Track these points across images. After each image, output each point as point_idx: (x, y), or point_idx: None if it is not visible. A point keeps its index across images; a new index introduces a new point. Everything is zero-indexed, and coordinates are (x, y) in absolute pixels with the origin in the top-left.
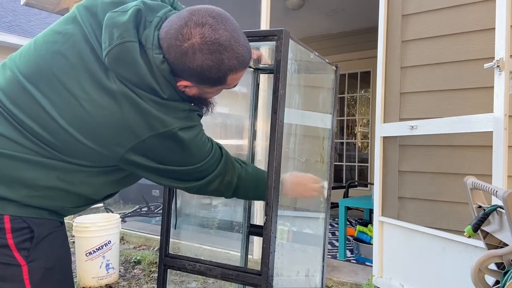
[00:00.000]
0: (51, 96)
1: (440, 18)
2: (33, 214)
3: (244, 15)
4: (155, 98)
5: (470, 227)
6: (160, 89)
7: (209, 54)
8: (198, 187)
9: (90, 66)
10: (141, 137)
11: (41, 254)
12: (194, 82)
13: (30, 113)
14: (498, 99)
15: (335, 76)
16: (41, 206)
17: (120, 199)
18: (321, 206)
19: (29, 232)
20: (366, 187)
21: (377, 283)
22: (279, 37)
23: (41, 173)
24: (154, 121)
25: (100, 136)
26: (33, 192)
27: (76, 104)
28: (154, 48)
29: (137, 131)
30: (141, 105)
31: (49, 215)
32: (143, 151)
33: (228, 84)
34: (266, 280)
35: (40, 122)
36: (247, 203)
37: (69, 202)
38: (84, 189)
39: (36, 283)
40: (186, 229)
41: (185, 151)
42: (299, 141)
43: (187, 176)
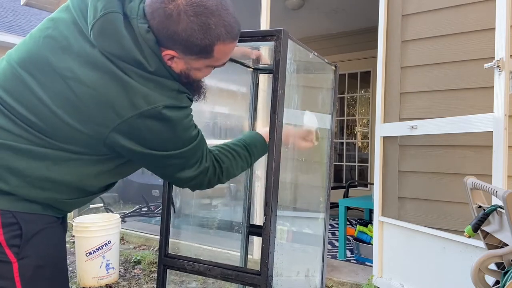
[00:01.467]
0: (41, 79)
1: (440, 18)
2: (24, 209)
3: (244, 15)
4: (141, 72)
5: (470, 227)
6: (146, 62)
7: (194, 17)
8: (187, 178)
9: (78, 46)
10: (124, 117)
11: (32, 252)
12: (180, 52)
13: (21, 99)
14: (498, 99)
15: (335, 76)
16: (33, 199)
17: (120, 199)
18: (321, 206)
19: (18, 229)
20: (366, 187)
21: (377, 283)
22: (278, 37)
23: (31, 162)
24: (138, 98)
25: (85, 117)
26: (23, 182)
27: (63, 85)
28: (139, 18)
29: (120, 109)
30: (124, 80)
31: (42, 210)
32: (127, 133)
33: (216, 58)
34: (265, 280)
35: (30, 106)
36: (246, 203)
37: (62, 193)
38: (77, 180)
39: (26, 281)
40: (186, 229)
41: (171, 132)
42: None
43: (175, 162)
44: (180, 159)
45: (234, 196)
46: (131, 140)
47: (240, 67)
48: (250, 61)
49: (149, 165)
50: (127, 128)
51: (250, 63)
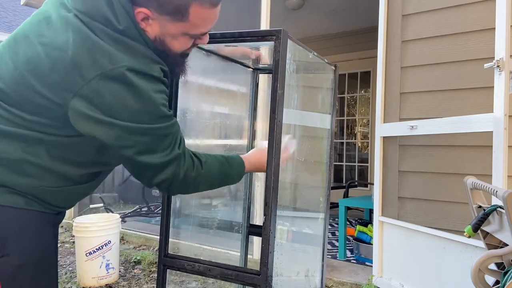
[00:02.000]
0: (15, 49)
1: (440, 18)
2: (5, 202)
3: (244, 15)
4: (109, 31)
5: (470, 227)
6: (115, 19)
7: None
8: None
9: (54, 15)
10: (87, 78)
11: (13, 250)
12: (153, 10)
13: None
14: (498, 99)
15: (334, 76)
16: (14, 187)
17: (120, 199)
18: (321, 206)
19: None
20: (366, 187)
21: (377, 283)
22: (277, 37)
23: (5, 143)
24: (102, 57)
25: (53, 81)
26: (1, 167)
27: (33, 48)
28: None
29: (84, 70)
30: (92, 39)
31: (27, 204)
32: (90, 98)
33: (192, 24)
34: (265, 280)
35: (4, 76)
36: (246, 203)
37: (43, 179)
38: (55, 164)
39: (6, 280)
40: (186, 229)
41: (137, 101)
42: (298, 141)
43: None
44: (146, 136)
45: (234, 196)
46: (91, 106)
47: (240, 67)
48: (250, 61)
49: (110, 140)
50: (89, 92)
51: (250, 63)
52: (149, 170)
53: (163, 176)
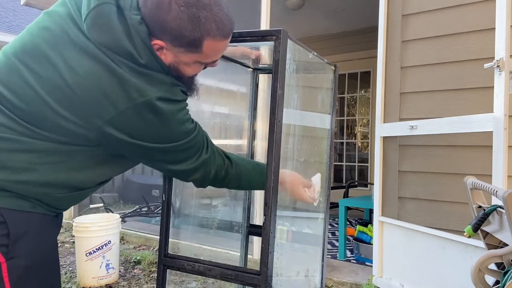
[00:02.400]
0: (34, 68)
1: (440, 18)
2: (12, 205)
3: (244, 15)
4: (132, 65)
5: (470, 227)
6: (137, 54)
7: (184, 7)
8: (184, 172)
9: (72, 36)
10: (119, 108)
11: (21, 252)
12: (168, 43)
13: (14, 89)
14: (498, 99)
15: (334, 76)
16: (21, 193)
17: (120, 199)
18: (321, 206)
19: (5, 228)
20: (366, 187)
21: (377, 283)
22: (277, 37)
23: (20, 153)
24: (132, 90)
25: (78, 107)
26: (12, 175)
27: (56, 74)
28: (132, 10)
29: (116, 101)
30: (118, 72)
31: (32, 207)
32: (121, 125)
33: (205, 55)
34: (265, 280)
35: (22, 95)
36: (246, 203)
37: (55, 188)
38: (67, 172)
39: (15, 281)
40: (186, 229)
41: (165, 125)
42: (298, 142)
43: (169, 156)
44: (175, 152)
45: (234, 196)
46: (124, 133)
47: (240, 67)
48: (250, 61)
49: (142, 157)
50: (121, 120)
51: (250, 63)
52: (180, 174)
53: (195, 177)
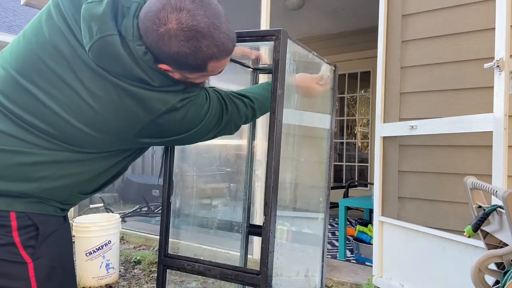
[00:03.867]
0: (48, 89)
1: (440, 18)
2: (38, 210)
3: (244, 15)
4: (148, 87)
5: (470, 227)
6: (150, 79)
7: (185, 41)
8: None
9: (82, 57)
10: (146, 121)
11: (46, 252)
12: (174, 68)
13: (29, 109)
14: (498, 99)
15: (334, 76)
16: (48, 197)
17: (120, 199)
18: (321, 206)
19: (34, 230)
20: (366, 187)
21: (377, 283)
22: (277, 37)
23: (48, 165)
24: (154, 103)
25: (105, 126)
26: (41, 185)
27: (76, 97)
28: (135, 40)
29: (142, 116)
30: (136, 91)
31: (54, 211)
32: (150, 133)
33: (210, 71)
34: (265, 280)
35: (41, 116)
36: (246, 203)
37: (79, 188)
38: (93, 174)
39: (41, 281)
40: (186, 229)
41: (190, 118)
42: (298, 141)
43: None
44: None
45: (234, 196)
46: (156, 137)
47: (240, 67)
48: (250, 61)
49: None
50: (150, 129)
51: (249, 63)
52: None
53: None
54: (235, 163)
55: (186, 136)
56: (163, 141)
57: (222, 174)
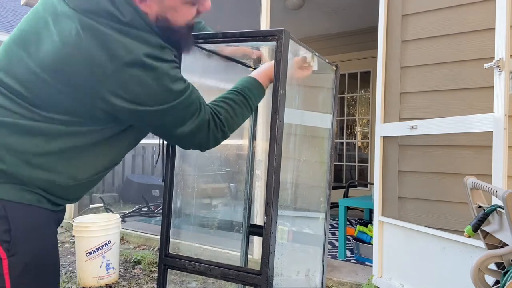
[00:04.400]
0: (29, 49)
1: (440, 18)
2: (16, 198)
3: (244, 15)
4: (116, 25)
5: (470, 227)
6: (119, 12)
7: None
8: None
9: (58, 10)
10: (109, 70)
11: (23, 248)
12: None
13: (14, 74)
14: (498, 99)
15: (335, 76)
16: (27, 182)
17: (120, 199)
18: (321, 206)
19: (5, 223)
20: (366, 187)
21: (377, 283)
22: (279, 37)
23: (26, 137)
24: (118, 48)
25: (72, 77)
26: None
27: (50, 48)
28: None
29: (104, 64)
30: (101, 31)
31: (37, 201)
32: (118, 91)
33: None
34: (266, 280)
35: (21, 78)
36: (247, 203)
37: (60, 175)
38: (80, 154)
39: (15, 278)
40: (186, 229)
41: (159, 83)
42: (299, 141)
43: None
44: (175, 112)
45: (235, 196)
46: (121, 98)
47: (241, 67)
48: (251, 61)
49: (146, 124)
50: (114, 83)
51: (251, 63)
52: (184, 138)
53: (197, 140)
54: (235, 163)
55: (158, 111)
56: (137, 110)
57: (222, 174)
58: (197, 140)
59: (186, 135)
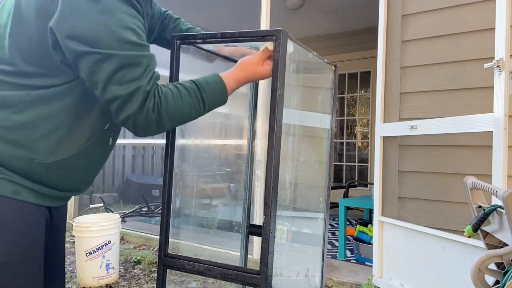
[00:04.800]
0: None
1: (440, 18)
2: None
3: (244, 15)
4: None
5: (470, 227)
6: None
7: None
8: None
9: None
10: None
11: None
12: None
13: None
14: (498, 99)
15: (334, 76)
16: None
17: (120, 199)
18: (321, 206)
19: None
20: (366, 187)
21: (377, 283)
22: (277, 37)
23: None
24: None
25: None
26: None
27: None
28: None
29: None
30: None
31: (12, 192)
32: (63, 25)
33: None
34: (265, 279)
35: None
36: (246, 203)
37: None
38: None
39: None
40: (186, 229)
41: (102, 19)
42: (298, 141)
43: (105, 68)
44: (114, 65)
45: (234, 196)
46: (66, 35)
47: None
48: None
49: (83, 66)
50: (59, 18)
51: None
52: (115, 101)
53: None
54: (235, 163)
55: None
56: (83, 51)
57: (222, 174)
58: (127, 110)
59: (117, 97)
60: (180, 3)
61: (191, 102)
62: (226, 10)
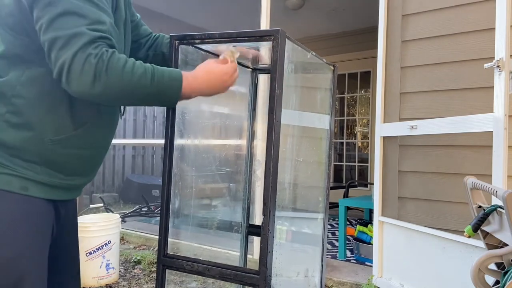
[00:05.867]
0: None
1: (440, 18)
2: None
3: (244, 15)
4: None
5: (470, 227)
6: None
7: None
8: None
9: None
10: None
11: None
12: None
13: None
14: (498, 99)
15: (333, 76)
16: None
17: (120, 199)
18: (320, 206)
19: None
20: (366, 187)
21: (377, 283)
22: (275, 37)
23: None
24: None
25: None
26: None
27: None
28: None
29: None
30: None
31: (6, 184)
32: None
33: None
34: (264, 279)
35: None
36: (246, 203)
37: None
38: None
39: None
40: (185, 229)
41: None
42: (297, 142)
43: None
44: (57, 6)
45: (234, 196)
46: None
47: (239, 67)
48: (249, 61)
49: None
50: None
51: (249, 63)
52: (55, 43)
53: (67, 53)
54: (234, 163)
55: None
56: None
57: (221, 174)
58: (65, 54)
59: (57, 38)
60: (180, 3)
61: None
62: (226, 10)
